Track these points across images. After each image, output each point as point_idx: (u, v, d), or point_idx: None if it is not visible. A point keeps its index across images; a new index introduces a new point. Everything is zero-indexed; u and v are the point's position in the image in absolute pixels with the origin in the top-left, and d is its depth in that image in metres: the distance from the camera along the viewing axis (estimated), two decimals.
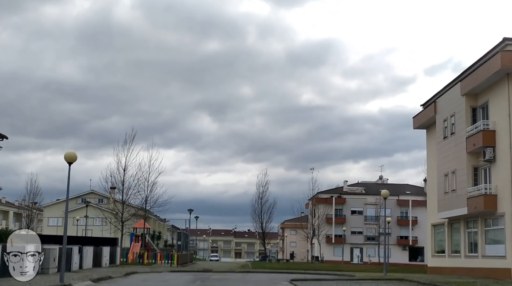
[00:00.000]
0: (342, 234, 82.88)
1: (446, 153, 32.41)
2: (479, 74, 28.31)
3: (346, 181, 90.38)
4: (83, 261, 30.53)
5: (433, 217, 35.51)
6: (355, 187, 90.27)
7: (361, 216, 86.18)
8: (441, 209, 32.77)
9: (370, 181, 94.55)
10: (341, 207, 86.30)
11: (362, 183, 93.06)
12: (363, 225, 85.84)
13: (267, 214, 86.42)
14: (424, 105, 37.26)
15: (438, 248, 35.26)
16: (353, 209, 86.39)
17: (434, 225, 35.72)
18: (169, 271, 34.80)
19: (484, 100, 29.18)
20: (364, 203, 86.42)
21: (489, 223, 28.76)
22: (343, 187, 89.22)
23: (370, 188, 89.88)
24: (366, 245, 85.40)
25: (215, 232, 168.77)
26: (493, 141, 27.78)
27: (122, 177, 48.66)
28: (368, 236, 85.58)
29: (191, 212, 59.23)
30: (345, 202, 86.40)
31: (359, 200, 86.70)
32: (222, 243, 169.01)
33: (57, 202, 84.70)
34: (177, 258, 41.29)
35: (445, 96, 33.33)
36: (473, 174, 29.77)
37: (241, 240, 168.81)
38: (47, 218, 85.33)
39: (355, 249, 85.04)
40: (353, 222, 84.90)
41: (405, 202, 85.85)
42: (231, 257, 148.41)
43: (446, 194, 32.18)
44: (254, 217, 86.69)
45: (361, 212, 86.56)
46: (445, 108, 33.09)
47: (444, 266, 33.14)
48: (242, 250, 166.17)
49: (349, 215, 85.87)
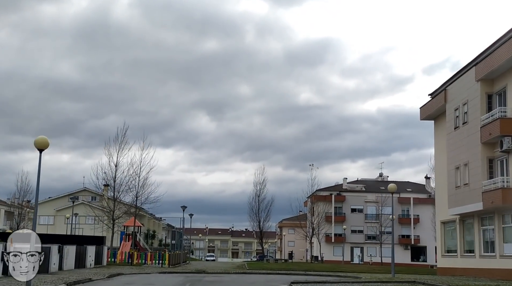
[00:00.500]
0: (342, 233, 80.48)
1: (457, 144, 29.95)
2: (497, 57, 25.85)
3: (346, 178, 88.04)
4: (64, 261, 28.02)
5: (442, 214, 33.06)
6: (355, 185, 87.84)
7: (361, 215, 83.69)
8: (452, 204, 30.29)
9: (370, 179, 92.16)
10: (340, 205, 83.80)
11: (362, 180, 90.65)
12: (363, 223, 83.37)
13: (265, 212, 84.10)
14: (432, 95, 34.78)
15: (449, 247, 32.78)
16: (353, 207, 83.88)
17: (444, 222, 33.24)
18: (159, 272, 32.29)
19: (502, 85, 26.72)
20: (365, 201, 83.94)
21: (507, 219, 26.30)
22: (342, 184, 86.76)
23: (370, 186, 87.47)
24: (366, 244, 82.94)
25: (212, 232, 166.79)
26: (511, 129, 25.34)
27: (114, 173, 46.19)
28: (368, 235, 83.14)
29: (184, 209, 56.66)
30: (345, 200, 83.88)
31: (359, 197, 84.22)
32: (219, 242, 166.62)
33: (49, 199, 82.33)
34: (169, 258, 38.78)
35: (457, 83, 30.87)
36: (488, 166, 27.31)
37: (238, 239, 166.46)
38: (38, 216, 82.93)
39: (356, 248, 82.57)
40: (353, 220, 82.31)
41: (406, 200, 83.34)
42: (228, 257, 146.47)
43: (457, 189, 29.72)
44: (252, 215, 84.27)
45: (361, 210, 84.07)
46: (456, 96, 30.64)
47: (456, 267, 30.68)
48: (239, 250, 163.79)
49: (349, 213, 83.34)
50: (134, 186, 43.88)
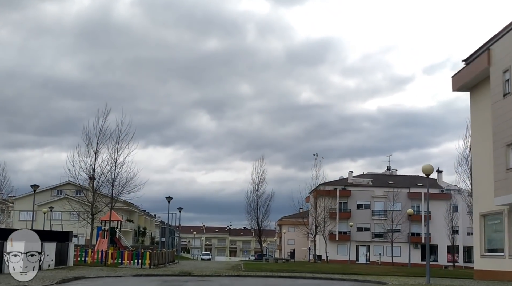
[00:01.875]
0: (347, 230, 74.40)
1: (508, 115, 23.74)
2: None
3: (352, 171, 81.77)
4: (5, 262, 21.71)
5: (483, 204, 26.81)
6: (361, 179, 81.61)
7: (368, 211, 77.50)
8: (500, 192, 24.03)
9: (377, 172, 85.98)
10: (345, 201, 77.50)
11: (368, 174, 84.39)
12: (370, 220, 77.21)
13: (264, 208, 78.08)
14: (468, 60, 28.48)
15: (492, 246, 26.50)
16: (359, 203, 77.66)
17: (484, 215, 26.94)
18: (133, 275, 26.10)
19: None
20: (372, 196, 77.78)
21: None
22: (347, 178, 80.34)
23: (377, 180, 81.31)
24: (373, 242, 76.83)
25: (209, 229, 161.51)
26: None
27: (93, 161, 40.15)
28: (376, 232, 77.02)
29: (170, 200, 49.65)
30: (350, 195, 77.63)
31: (366, 192, 77.97)
32: (217, 241, 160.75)
33: (30, 194, 75.96)
34: (150, 257, 32.53)
35: (505, 41, 24.65)
36: None
37: (236, 237, 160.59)
38: (18, 211, 76.77)
39: (361, 247, 76.37)
40: (359, 217, 75.98)
41: (417, 195, 77.04)
42: (225, 256, 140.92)
43: (508, 172, 23.49)
44: (250, 211, 78.19)
45: (368, 206, 77.92)
46: (504, 55, 24.43)
47: (503, 270, 24.43)
48: (237, 249, 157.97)
49: (355, 209, 77.09)
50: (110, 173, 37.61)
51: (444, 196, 75.44)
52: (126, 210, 76.37)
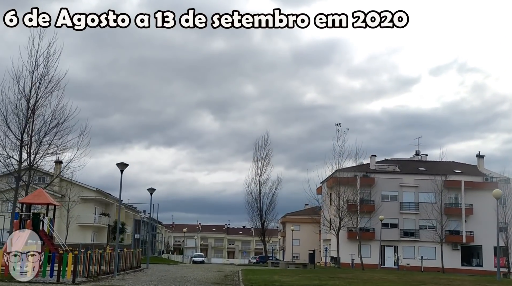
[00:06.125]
0: (371, 227, 60.25)
1: None
2: None
3: (375, 155, 66.92)
4: None
5: None
6: (385, 165, 67.37)
7: (395, 203, 63.32)
8: None
9: (404, 158, 71.79)
10: (368, 190, 63.06)
11: (394, 159, 70.17)
12: (398, 215, 63.02)
13: (268, 198, 64.37)
14: None
15: None
16: (385, 193, 63.39)
17: None
18: None
19: None
20: (400, 185, 63.54)
21: None
22: (369, 164, 65.70)
23: (405, 166, 67.07)
24: (402, 242, 62.64)
25: (206, 228, 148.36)
26: None
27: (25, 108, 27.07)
28: (405, 230, 62.89)
29: (152, 192, 36.40)
30: (374, 184, 63.30)
31: (392, 181, 63.72)
32: (213, 240, 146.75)
33: None
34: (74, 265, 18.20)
35: None
36: None
37: (234, 237, 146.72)
38: None
39: (388, 248, 62.05)
40: (384, 210, 60.71)
41: (455, 184, 62.82)
42: (223, 257, 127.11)
43: None
44: (251, 202, 64.53)
45: (395, 197, 63.76)
46: None
47: None
48: (236, 249, 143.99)
49: (379, 201, 62.58)
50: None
51: (488, 185, 60.98)
52: (100, 201, 62.09)
